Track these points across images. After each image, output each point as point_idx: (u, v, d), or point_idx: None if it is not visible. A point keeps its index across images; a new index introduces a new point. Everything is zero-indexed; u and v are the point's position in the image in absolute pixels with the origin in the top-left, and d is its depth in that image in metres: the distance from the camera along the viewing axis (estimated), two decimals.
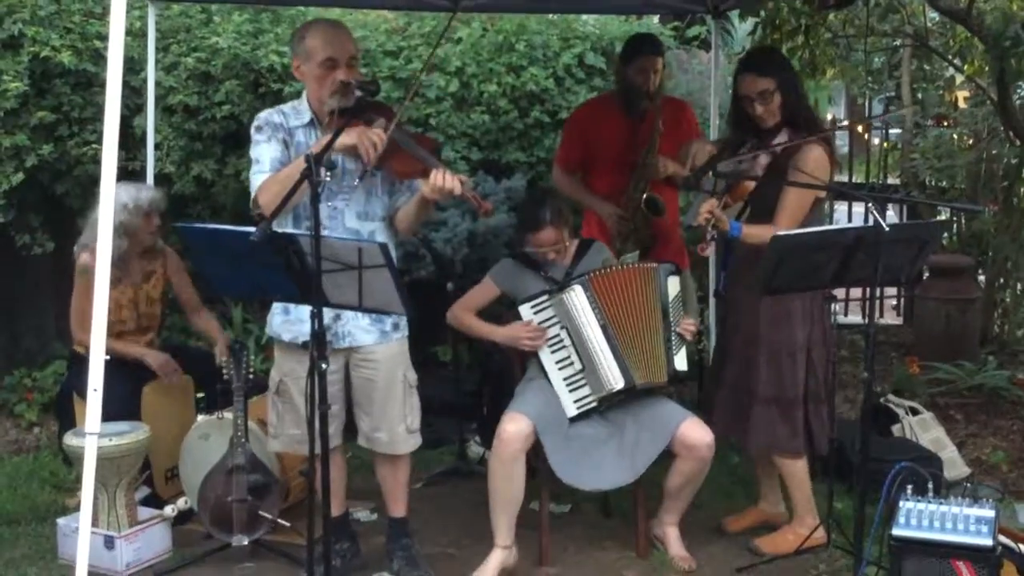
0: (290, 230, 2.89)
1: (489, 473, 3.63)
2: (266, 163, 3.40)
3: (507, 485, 3.58)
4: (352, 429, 3.69)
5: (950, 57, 6.59)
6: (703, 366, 5.54)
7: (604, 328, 3.75)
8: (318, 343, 2.88)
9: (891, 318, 7.71)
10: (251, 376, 3.87)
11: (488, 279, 4.00)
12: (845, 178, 7.68)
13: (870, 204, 3.18)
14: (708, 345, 5.44)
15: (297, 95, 3.59)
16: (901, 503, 3.04)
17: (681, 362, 3.81)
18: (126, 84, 5.31)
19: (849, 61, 6.57)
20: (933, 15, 6.55)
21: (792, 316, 3.72)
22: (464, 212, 5.73)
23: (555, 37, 6.26)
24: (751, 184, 3.70)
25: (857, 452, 3.43)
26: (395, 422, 3.57)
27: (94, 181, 4.90)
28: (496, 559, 3.63)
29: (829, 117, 8.11)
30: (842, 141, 8.92)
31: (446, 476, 4.80)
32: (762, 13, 5.46)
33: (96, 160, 5.29)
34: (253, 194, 3.35)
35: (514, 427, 3.58)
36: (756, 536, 3.95)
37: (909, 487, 3.07)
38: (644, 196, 4.32)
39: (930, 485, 3.08)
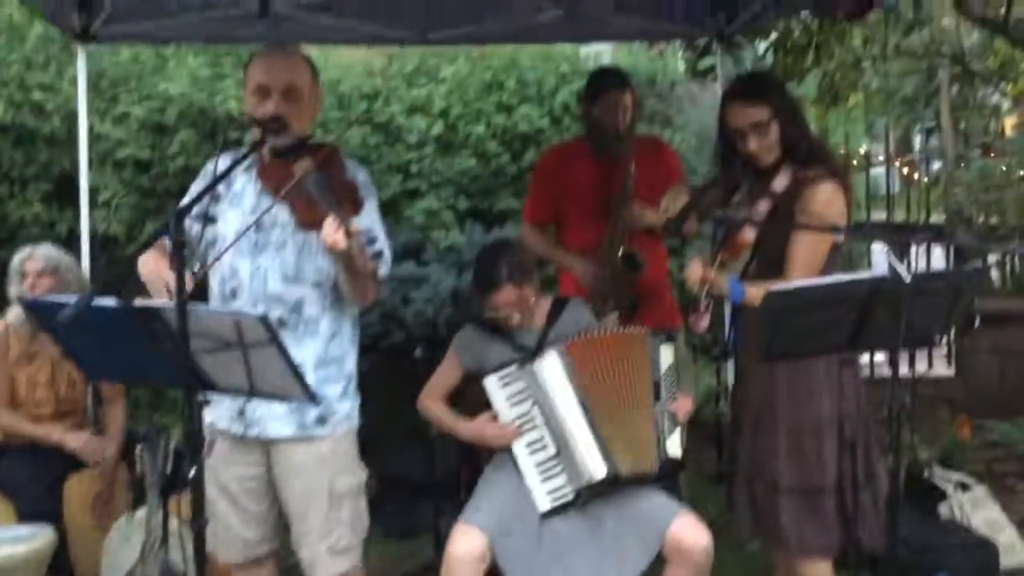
0: (157, 302, 2.34)
1: None
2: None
3: None
4: None
5: (993, 78, 5.94)
6: (720, 430, 4.93)
7: (583, 405, 3.14)
8: (191, 441, 2.31)
9: (942, 368, 6.97)
10: (168, 469, 3.31)
11: (451, 353, 3.41)
12: (883, 216, 7.01)
13: (887, 250, 2.56)
14: (726, 408, 4.82)
15: None
16: None
17: (674, 447, 3.20)
18: (72, 138, 4.93)
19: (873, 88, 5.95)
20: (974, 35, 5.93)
21: (814, 386, 3.06)
22: (448, 266, 5.17)
23: (551, 74, 5.73)
24: (750, 235, 3.06)
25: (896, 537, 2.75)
26: (314, 540, 2.90)
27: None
28: None
29: (862, 151, 7.43)
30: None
31: (424, 572, 4.19)
32: (772, 34, 4.86)
33: (40, 222, 4.88)
34: None
35: (464, 546, 2.94)
36: None
37: None
38: (620, 251, 3.75)
39: None
